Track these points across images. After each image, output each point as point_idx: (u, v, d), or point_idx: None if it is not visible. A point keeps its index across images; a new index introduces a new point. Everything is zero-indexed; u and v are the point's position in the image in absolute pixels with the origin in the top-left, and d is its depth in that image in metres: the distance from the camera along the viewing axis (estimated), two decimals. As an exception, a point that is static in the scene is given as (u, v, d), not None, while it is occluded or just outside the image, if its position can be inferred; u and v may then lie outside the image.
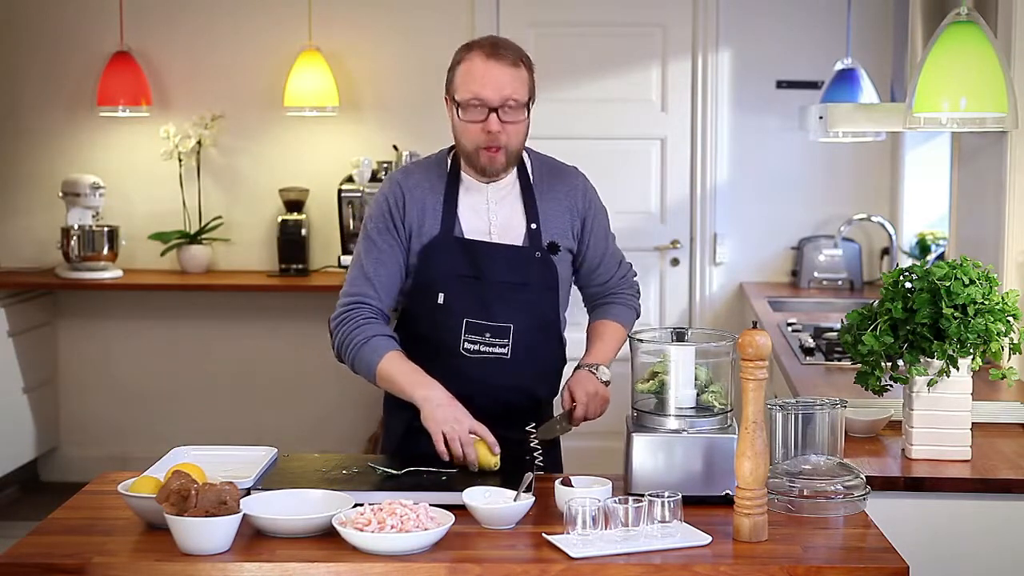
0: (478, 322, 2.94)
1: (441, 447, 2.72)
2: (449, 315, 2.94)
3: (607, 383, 2.98)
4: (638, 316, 3.21)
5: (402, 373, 2.86)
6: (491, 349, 2.95)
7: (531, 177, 3.04)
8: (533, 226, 2.98)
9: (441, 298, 2.94)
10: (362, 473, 2.69)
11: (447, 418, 2.74)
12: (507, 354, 2.95)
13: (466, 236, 2.96)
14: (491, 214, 2.98)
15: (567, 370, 3.09)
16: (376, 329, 2.90)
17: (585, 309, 3.23)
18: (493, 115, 2.86)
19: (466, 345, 2.95)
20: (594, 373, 2.97)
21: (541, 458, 2.98)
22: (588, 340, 3.12)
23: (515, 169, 3.01)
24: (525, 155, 3.05)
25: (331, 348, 2.97)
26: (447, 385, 2.84)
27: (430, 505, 2.38)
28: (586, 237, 3.07)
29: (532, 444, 2.96)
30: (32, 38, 6.16)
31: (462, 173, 2.99)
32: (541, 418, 3.04)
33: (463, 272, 2.94)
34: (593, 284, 3.16)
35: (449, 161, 3.01)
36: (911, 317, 2.76)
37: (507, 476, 2.64)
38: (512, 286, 2.95)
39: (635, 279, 3.24)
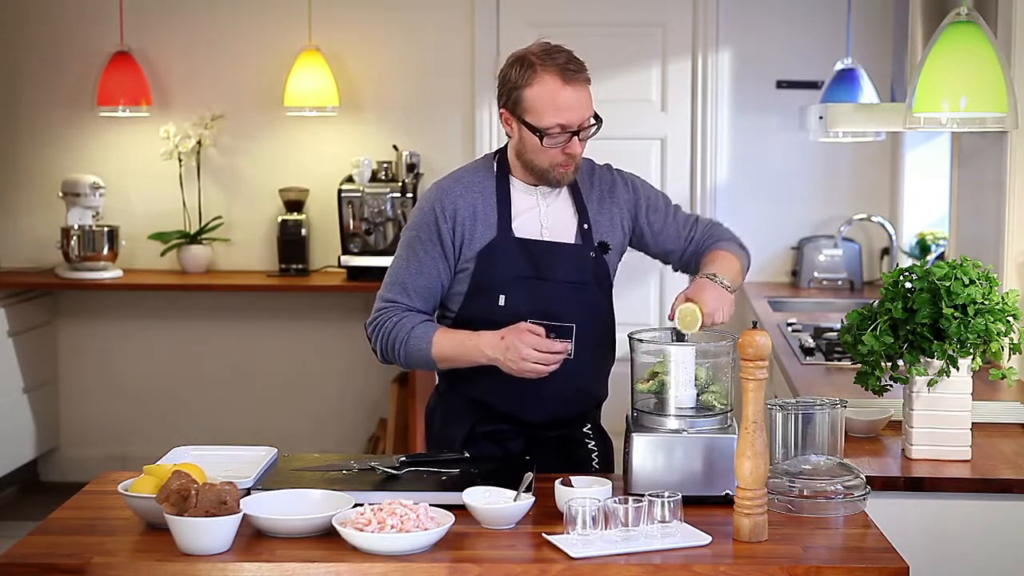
0: (541, 323, 2.88)
1: (534, 370, 2.76)
2: (511, 317, 2.87)
3: (730, 290, 2.87)
4: (748, 256, 3.12)
5: (454, 347, 2.85)
6: None
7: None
8: (585, 226, 2.97)
9: (502, 300, 2.90)
10: (362, 473, 2.69)
11: (507, 354, 2.76)
12: (570, 354, 2.89)
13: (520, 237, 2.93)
14: (542, 216, 2.96)
15: (614, 369, 3.06)
16: (414, 320, 2.89)
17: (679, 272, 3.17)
18: (575, 137, 2.85)
19: None
20: (713, 279, 2.85)
21: (597, 458, 3.00)
22: (700, 269, 3.01)
23: None
24: None
25: (373, 352, 2.95)
26: (508, 387, 2.86)
27: (430, 505, 2.38)
28: (641, 217, 3.03)
29: (589, 445, 2.98)
30: (32, 38, 6.15)
31: (511, 177, 2.96)
32: (596, 419, 3.04)
33: (523, 273, 2.91)
34: (683, 246, 3.08)
35: (496, 166, 2.97)
36: (911, 317, 2.76)
37: (512, 477, 2.63)
38: (572, 285, 2.93)
39: (725, 227, 3.16)
